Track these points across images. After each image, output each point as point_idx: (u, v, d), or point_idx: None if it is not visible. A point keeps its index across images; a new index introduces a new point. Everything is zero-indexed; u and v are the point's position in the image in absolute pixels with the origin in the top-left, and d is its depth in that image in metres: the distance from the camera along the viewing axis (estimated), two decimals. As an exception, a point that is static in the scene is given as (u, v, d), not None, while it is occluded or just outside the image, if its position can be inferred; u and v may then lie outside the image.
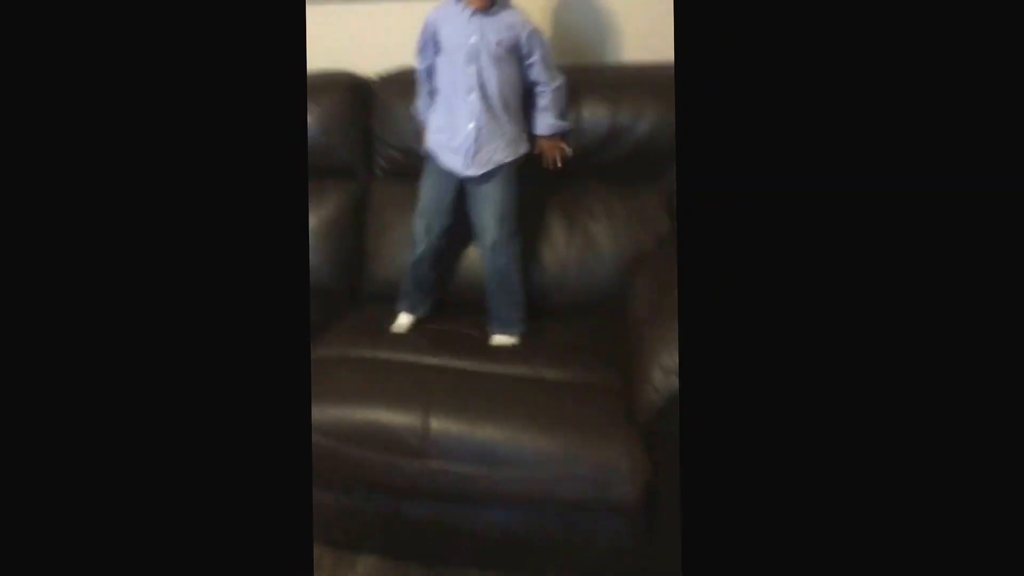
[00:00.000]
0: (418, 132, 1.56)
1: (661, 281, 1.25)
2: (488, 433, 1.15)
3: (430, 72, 1.46)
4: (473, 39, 1.36)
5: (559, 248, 1.52)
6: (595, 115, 1.49)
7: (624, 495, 1.09)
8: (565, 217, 1.54)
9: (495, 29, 1.36)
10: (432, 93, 1.48)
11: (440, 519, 1.25)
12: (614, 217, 1.51)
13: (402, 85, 1.61)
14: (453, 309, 1.53)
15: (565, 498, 1.13)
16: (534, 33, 1.39)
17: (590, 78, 1.53)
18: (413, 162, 1.60)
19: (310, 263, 1.60)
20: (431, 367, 1.31)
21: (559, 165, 1.48)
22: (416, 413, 1.19)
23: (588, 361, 1.30)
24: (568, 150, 1.48)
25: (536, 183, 1.54)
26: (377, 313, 1.55)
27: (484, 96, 1.38)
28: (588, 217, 1.53)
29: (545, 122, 1.44)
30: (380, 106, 1.64)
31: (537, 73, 1.41)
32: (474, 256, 1.53)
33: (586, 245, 1.52)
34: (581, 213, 1.53)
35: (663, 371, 1.05)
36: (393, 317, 1.51)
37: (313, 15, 1.73)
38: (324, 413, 1.23)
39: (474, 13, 1.36)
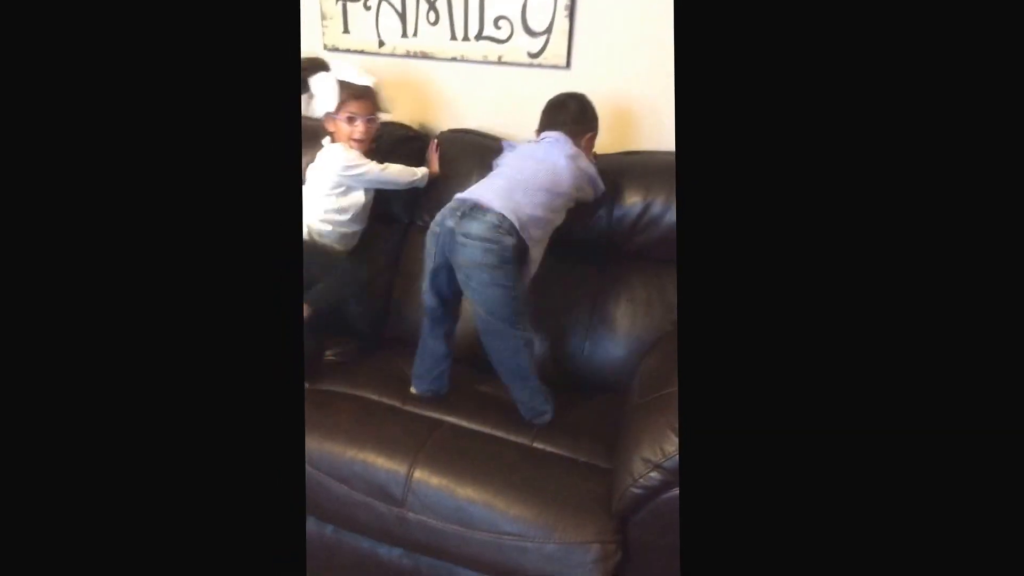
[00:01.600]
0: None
1: (662, 370, 1.26)
2: (467, 493, 1.17)
3: None
4: None
5: (578, 325, 1.55)
6: (630, 201, 1.53)
7: (588, 580, 1.09)
8: (590, 295, 1.57)
9: None
10: None
11: (414, 569, 1.27)
12: (635, 300, 1.53)
13: (457, 144, 1.69)
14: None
15: (531, 571, 1.13)
16: None
17: (630, 163, 1.57)
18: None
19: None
20: (428, 419, 1.35)
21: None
22: (403, 461, 1.22)
23: (583, 438, 1.31)
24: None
25: (569, 262, 1.59)
26: (394, 357, 1.61)
27: None
28: (610, 298, 1.55)
29: None
30: (427, 162, 1.72)
31: None
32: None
33: (604, 325, 1.54)
34: (604, 293, 1.56)
35: (643, 463, 1.05)
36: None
37: (383, 67, 1.85)
38: (318, 444, 1.28)
39: None
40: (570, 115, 1.51)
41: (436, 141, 1.71)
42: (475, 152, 1.67)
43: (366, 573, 1.33)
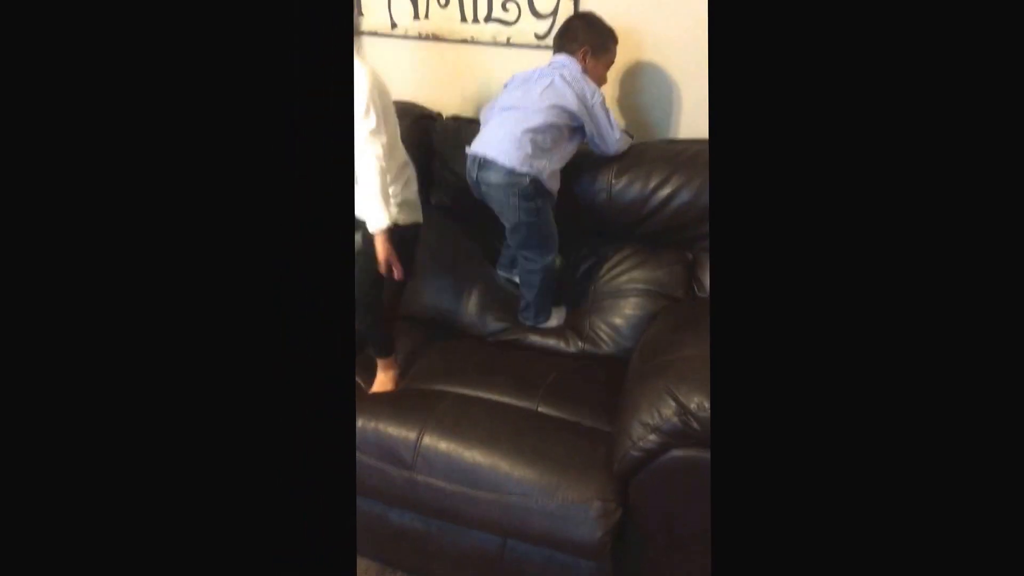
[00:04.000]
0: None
1: (660, 340, 1.29)
2: (473, 456, 1.22)
3: None
4: None
5: (586, 302, 1.60)
6: (633, 188, 1.57)
7: (589, 536, 1.13)
8: (594, 272, 1.62)
9: None
10: None
11: (424, 531, 1.33)
12: (635, 280, 1.58)
13: (458, 135, 1.72)
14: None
15: (535, 530, 1.18)
16: None
17: (634, 153, 1.60)
18: (462, 204, 1.71)
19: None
20: (436, 391, 1.40)
21: None
22: (412, 428, 1.28)
23: (586, 405, 1.35)
24: None
25: (582, 249, 1.65)
26: (403, 334, 1.66)
27: None
28: (615, 278, 1.60)
29: None
30: (443, 143, 1.75)
31: None
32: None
33: (609, 302, 1.59)
34: (608, 273, 1.62)
35: (642, 426, 1.09)
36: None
37: (395, 48, 1.89)
38: (332, 413, 1.34)
39: None
40: (571, 36, 1.54)
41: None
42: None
43: (378, 536, 1.39)
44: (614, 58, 1.55)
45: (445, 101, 1.87)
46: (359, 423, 1.31)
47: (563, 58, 1.52)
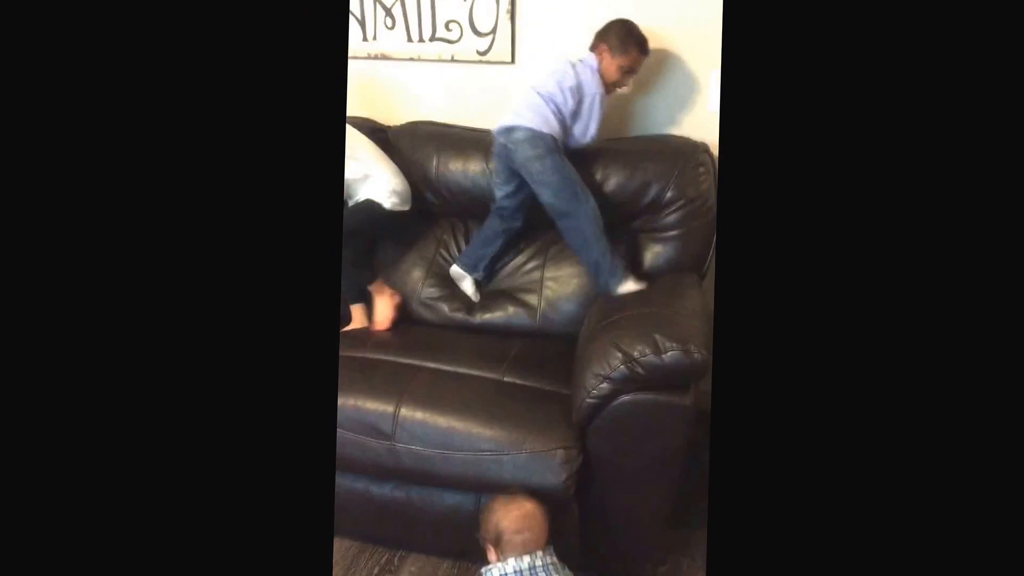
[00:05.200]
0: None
1: (605, 309, 1.47)
2: (448, 422, 1.36)
3: None
4: None
5: (536, 286, 1.77)
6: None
7: (555, 481, 1.29)
8: (543, 259, 1.79)
9: None
10: None
11: (405, 500, 1.45)
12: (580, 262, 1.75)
13: (411, 137, 1.89)
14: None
15: (507, 481, 1.32)
16: None
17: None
18: (414, 206, 1.86)
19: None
20: (409, 366, 1.53)
21: None
22: (389, 401, 1.41)
23: (544, 372, 1.51)
24: None
25: (528, 235, 1.81)
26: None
27: None
28: (561, 262, 1.77)
29: None
30: (392, 152, 1.90)
31: None
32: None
33: (557, 284, 1.75)
34: (555, 258, 1.78)
35: (595, 377, 1.26)
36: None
37: (351, 69, 2.02)
38: (313, 396, 1.45)
39: None
40: (600, 34, 1.69)
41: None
42: (430, 140, 1.87)
43: (362, 510, 1.50)
44: (632, 64, 1.68)
45: (395, 116, 2.03)
46: (338, 401, 1.43)
47: (589, 54, 1.70)
